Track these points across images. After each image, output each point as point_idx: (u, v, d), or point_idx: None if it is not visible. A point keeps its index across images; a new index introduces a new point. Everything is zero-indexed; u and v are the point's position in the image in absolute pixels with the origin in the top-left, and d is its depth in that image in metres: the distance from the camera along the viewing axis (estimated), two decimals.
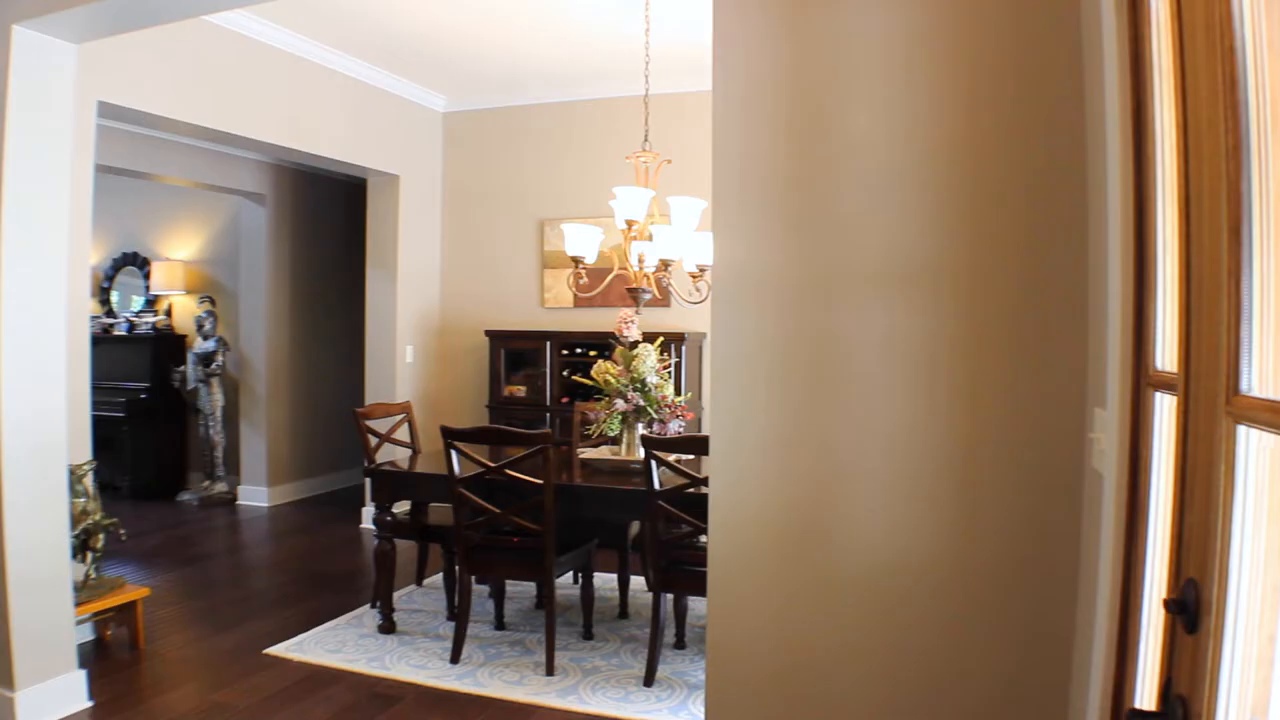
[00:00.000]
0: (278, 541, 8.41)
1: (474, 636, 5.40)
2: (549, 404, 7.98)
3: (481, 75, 7.99)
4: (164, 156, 8.32)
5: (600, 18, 6.38)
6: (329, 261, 10.50)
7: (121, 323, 10.72)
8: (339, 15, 6.52)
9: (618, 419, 5.38)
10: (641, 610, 5.85)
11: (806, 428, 2.78)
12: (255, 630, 5.77)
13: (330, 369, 10.51)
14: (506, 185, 8.62)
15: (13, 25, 4.29)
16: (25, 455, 4.39)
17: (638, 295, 5.34)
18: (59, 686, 4.54)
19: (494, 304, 8.63)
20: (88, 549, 5.27)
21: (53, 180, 4.53)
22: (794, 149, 2.78)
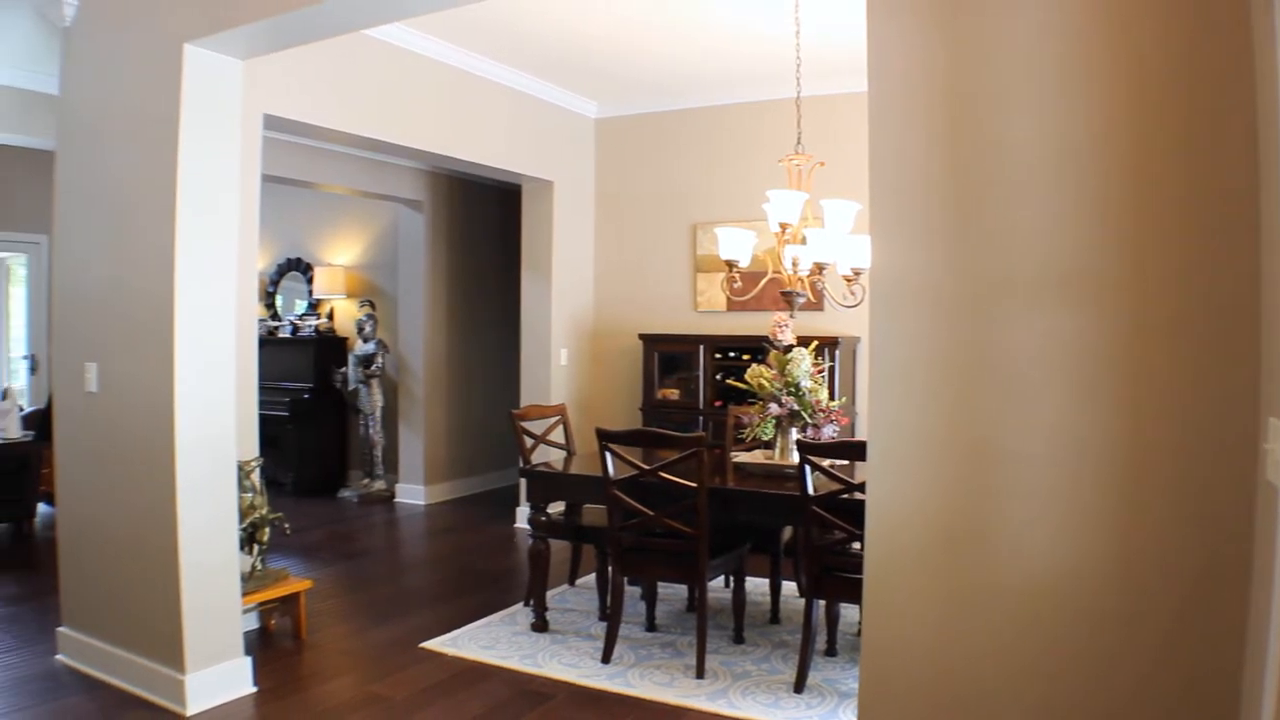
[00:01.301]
0: (434, 539, 8.59)
1: (625, 637, 5.42)
2: (702, 407, 7.98)
3: (633, 81, 8.04)
4: (326, 166, 8.58)
5: (750, 21, 6.35)
6: (485, 266, 10.70)
7: (285, 325, 11.11)
8: (492, 26, 6.63)
9: (771, 423, 5.35)
10: (793, 616, 5.80)
11: (964, 435, 2.72)
12: (412, 625, 5.90)
13: (486, 371, 10.70)
14: (659, 189, 8.66)
15: (184, 44, 4.49)
16: (197, 451, 4.60)
17: (792, 299, 5.30)
18: (226, 671, 4.73)
19: (647, 307, 8.67)
20: (254, 541, 5.46)
21: (222, 190, 4.73)
22: (950, 152, 2.73)
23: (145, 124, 4.69)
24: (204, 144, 4.62)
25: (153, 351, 4.60)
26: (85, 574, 5.11)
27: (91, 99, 5.06)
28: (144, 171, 4.68)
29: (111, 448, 4.90)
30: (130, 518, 4.78)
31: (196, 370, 4.59)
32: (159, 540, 4.59)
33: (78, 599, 5.18)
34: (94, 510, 5.03)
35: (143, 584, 4.72)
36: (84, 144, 5.09)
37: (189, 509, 4.55)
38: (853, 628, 5.52)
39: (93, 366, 4.96)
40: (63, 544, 5.27)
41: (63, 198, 5.22)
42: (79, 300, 5.11)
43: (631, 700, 4.67)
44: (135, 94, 4.77)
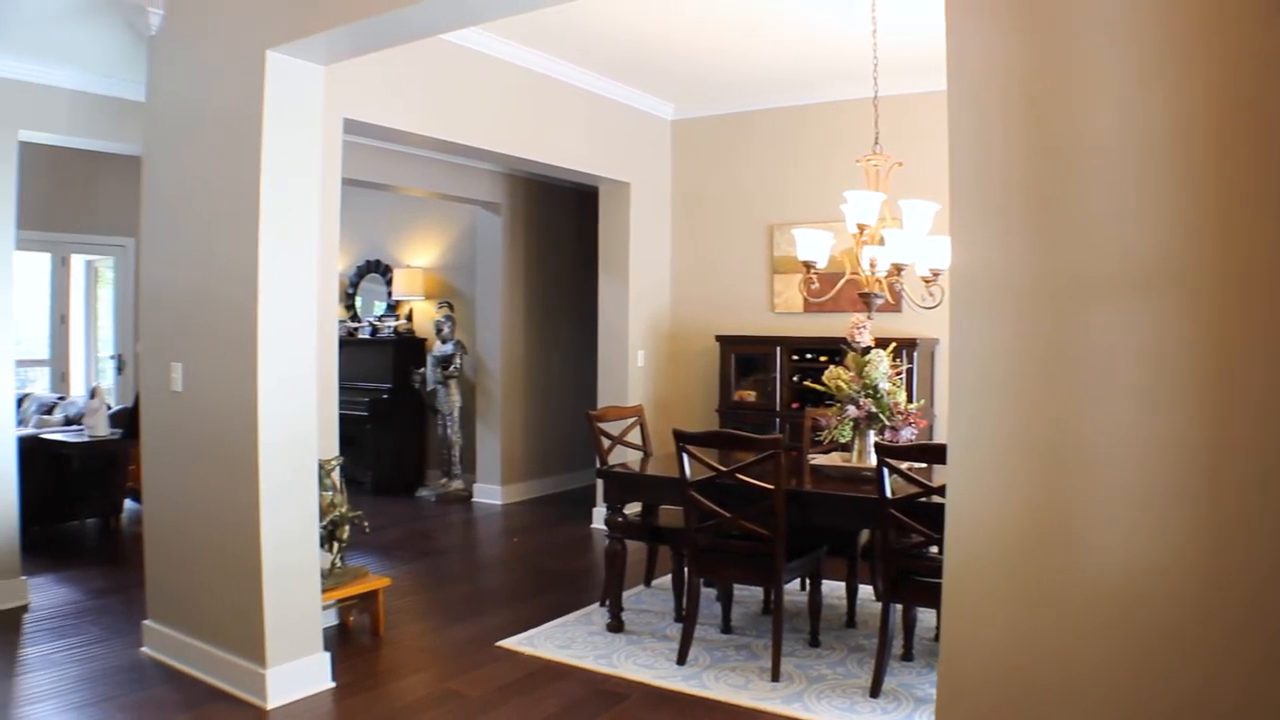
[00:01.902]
0: (510, 538, 8.64)
1: (701, 639, 5.41)
2: (779, 409, 7.95)
3: (708, 83, 8.04)
4: (405, 169, 8.69)
5: (826, 20, 6.31)
6: (561, 267, 10.76)
7: (365, 327, 11.26)
8: (569, 29, 6.67)
9: (849, 425, 5.32)
10: (869, 620, 5.76)
11: (1045, 435, 2.68)
12: (488, 623, 5.95)
13: (563, 372, 10.76)
14: (735, 191, 8.64)
15: (266, 51, 4.58)
16: (279, 450, 4.68)
17: (870, 300, 5.26)
18: (305, 666, 4.81)
19: (723, 309, 8.66)
20: (334, 539, 5.54)
21: (304, 193, 4.82)
22: (1030, 149, 2.69)
23: (229, 129, 4.78)
24: (286, 148, 4.70)
25: (236, 352, 4.69)
26: (170, 569, 5.23)
27: (177, 105, 5.17)
28: (228, 175, 4.78)
29: (196, 446, 5.00)
30: (214, 515, 4.88)
31: (279, 371, 4.68)
32: (242, 538, 4.68)
33: (162, 593, 5.30)
34: (179, 507, 5.14)
35: (225, 580, 4.82)
36: (170, 149, 5.21)
37: (271, 509, 4.64)
38: (930, 632, 5.47)
39: (178, 367, 5.07)
40: (148, 539, 5.40)
41: (149, 202, 5.34)
42: (165, 301, 5.22)
43: (706, 702, 4.66)
44: (219, 100, 4.87)
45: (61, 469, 8.35)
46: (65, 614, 6.16)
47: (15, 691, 4.94)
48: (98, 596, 6.58)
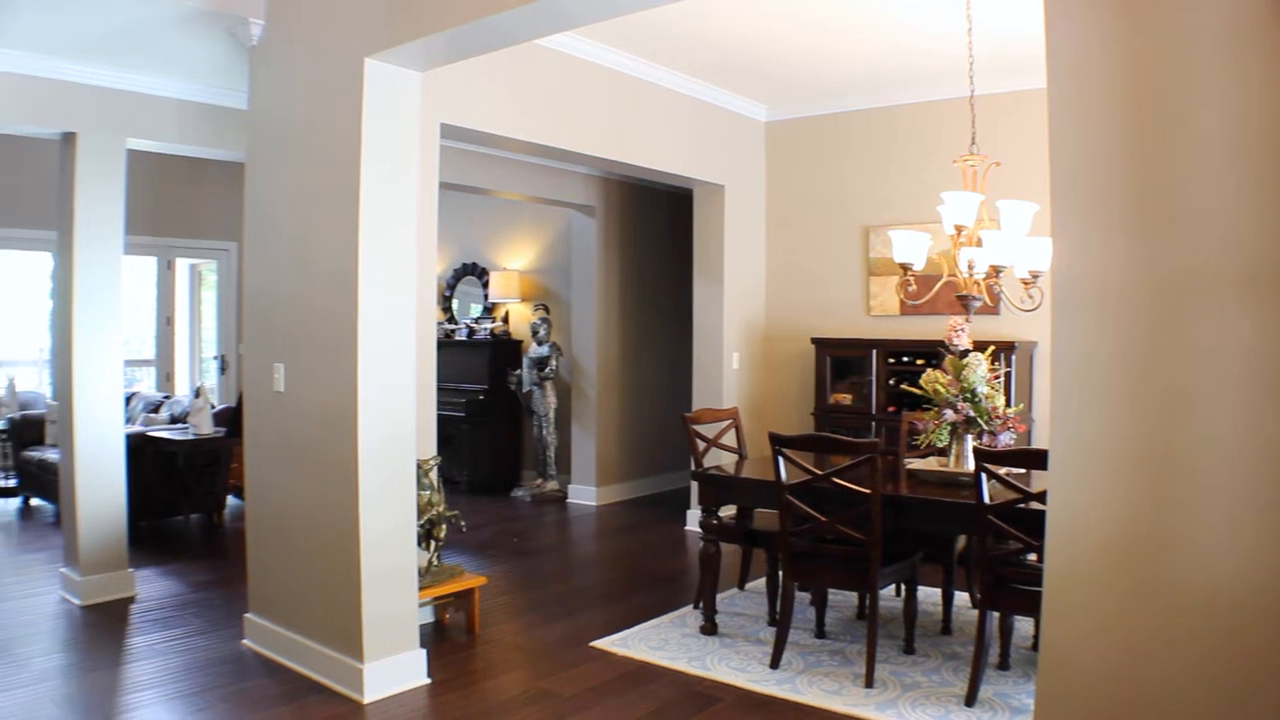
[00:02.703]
0: (605, 539, 8.69)
1: (794, 643, 5.38)
2: (874, 413, 7.88)
3: (802, 84, 7.99)
4: (500, 172, 8.77)
5: (921, 19, 6.23)
6: (656, 270, 10.77)
7: (461, 329, 11.39)
8: (662, 32, 6.67)
9: (947, 429, 5.25)
10: (965, 627, 5.67)
11: (1152, 443, 2.62)
12: (582, 623, 5.98)
13: (657, 374, 10.78)
14: (829, 192, 8.58)
15: (365, 58, 4.66)
16: (378, 449, 4.77)
17: (968, 302, 5.19)
18: (402, 663, 4.89)
19: (819, 311, 8.60)
20: (431, 538, 5.61)
21: (402, 197, 4.90)
22: (1134, 147, 2.63)
23: (329, 135, 4.88)
24: (385, 153, 4.78)
25: (337, 354, 4.79)
26: (271, 564, 5.35)
27: (278, 113, 5.29)
28: (328, 181, 4.88)
29: (297, 445, 5.11)
30: (314, 511, 4.99)
31: (378, 372, 4.77)
32: (341, 535, 4.78)
33: (263, 588, 5.43)
34: (280, 504, 5.26)
35: (325, 576, 4.92)
36: (272, 155, 5.33)
37: (371, 507, 4.73)
38: (1026, 641, 5.37)
39: (280, 367, 5.18)
40: (250, 535, 5.53)
41: (252, 206, 5.46)
42: (267, 303, 5.34)
43: (799, 707, 4.63)
44: (319, 107, 4.97)
45: (167, 466, 8.58)
46: (170, 606, 6.35)
47: (122, 679, 5.12)
48: (201, 589, 6.76)
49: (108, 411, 6.44)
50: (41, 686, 4.95)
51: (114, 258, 6.42)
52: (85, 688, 5.01)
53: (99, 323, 6.34)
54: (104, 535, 6.40)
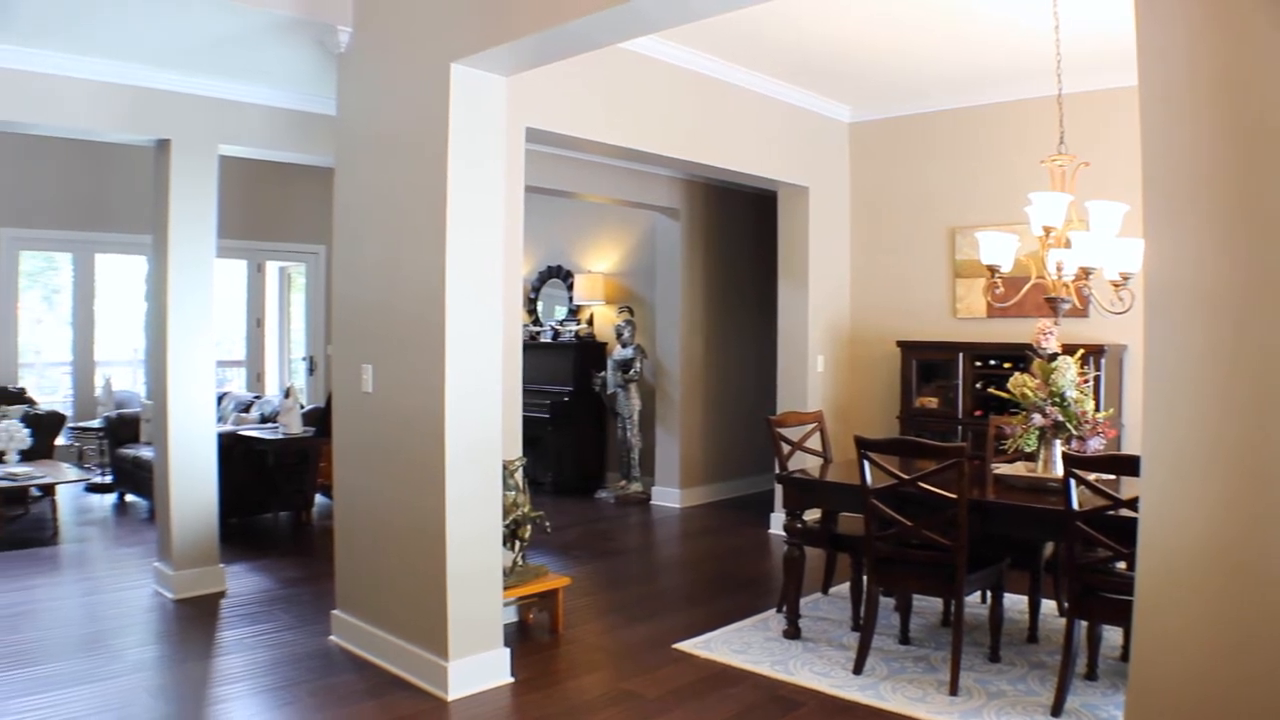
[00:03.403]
0: (688, 541, 8.69)
1: (878, 649, 5.33)
2: (961, 417, 7.78)
3: (886, 84, 7.92)
4: (585, 175, 8.81)
5: (1007, 16, 6.13)
6: (740, 272, 10.75)
7: (546, 331, 11.46)
8: (745, 33, 6.65)
9: (1035, 434, 5.17)
10: (1051, 636, 5.57)
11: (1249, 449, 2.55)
12: (664, 625, 5.98)
13: (741, 377, 10.75)
14: (915, 193, 8.49)
15: (451, 64, 4.73)
16: (465, 450, 4.83)
17: (1056, 305, 5.11)
18: (486, 661, 4.94)
19: (904, 314, 8.51)
20: (516, 538, 5.65)
21: (488, 201, 4.95)
22: (1229, 145, 2.57)
23: (416, 140, 4.95)
24: (471, 158, 4.84)
25: (425, 356, 4.86)
26: (358, 562, 5.43)
27: (365, 119, 5.38)
28: (415, 185, 4.95)
29: (385, 445, 5.19)
30: (401, 511, 5.06)
31: (465, 374, 4.83)
32: (428, 534, 4.85)
33: (351, 585, 5.52)
34: (368, 503, 5.34)
35: (411, 574, 4.99)
36: (360, 160, 5.41)
37: (457, 507, 4.80)
38: (1115, 651, 5.26)
39: (368, 369, 5.26)
40: (338, 533, 5.62)
41: (341, 211, 5.56)
42: (356, 305, 5.43)
43: (883, 713, 4.58)
44: (406, 112, 5.05)
45: (257, 464, 8.76)
46: (259, 601, 6.48)
47: (212, 671, 5.26)
48: (289, 586, 6.89)
49: (200, 411, 6.60)
50: (136, 677, 5.11)
51: (206, 261, 6.57)
52: (177, 679, 5.16)
53: (192, 324, 6.50)
54: (196, 531, 6.56)
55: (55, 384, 12.71)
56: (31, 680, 5.01)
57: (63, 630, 5.94)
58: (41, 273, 12.82)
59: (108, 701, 4.73)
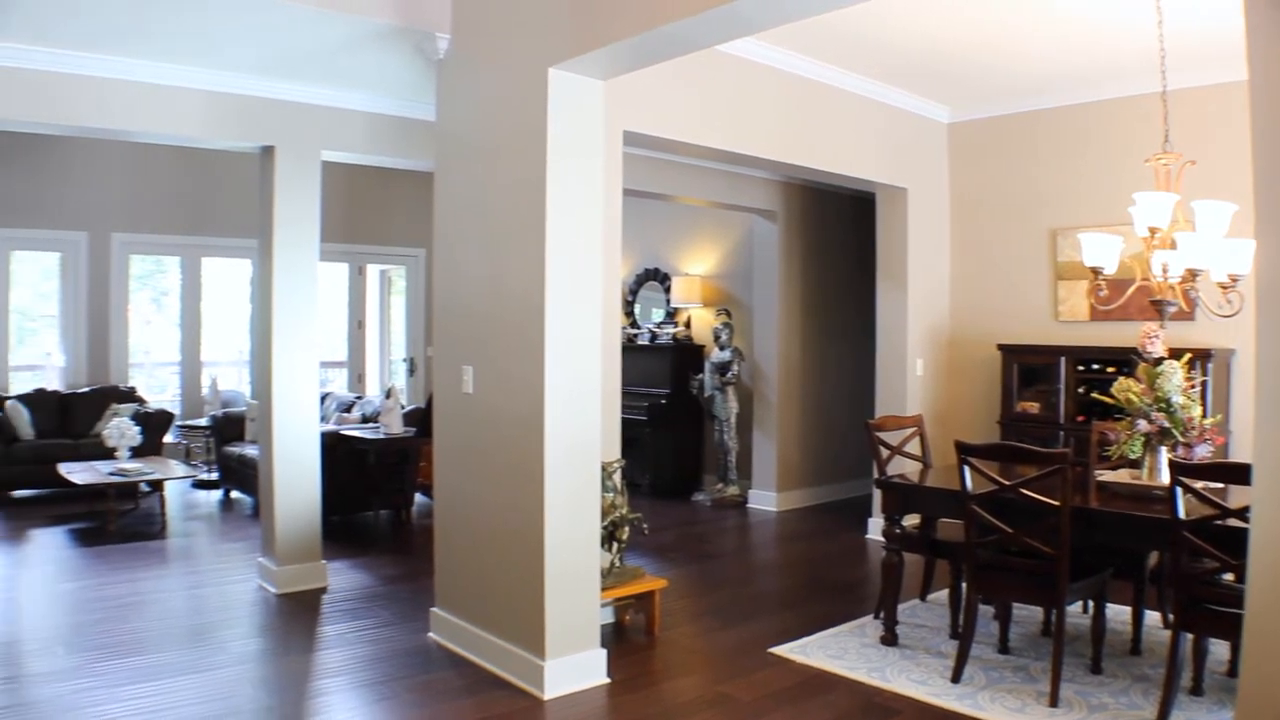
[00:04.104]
0: (784, 545, 8.66)
1: (976, 657, 5.24)
2: (1063, 422, 7.62)
3: (985, 84, 7.80)
4: (682, 178, 8.81)
5: (1108, 13, 5.99)
6: (838, 274, 10.67)
7: (644, 333, 11.49)
8: (841, 33, 6.58)
9: (1139, 441, 5.05)
10: (1155, 648, 5.43)
11: None
12: (760, 629, 5.97)
13: (839, 380, 10.67)
14: (1015, 194, 8.34)
15: (549, 68, 4.77)
16: (565, 451, 4.88)
17: (1162, 308, 4.99)
18: (582, 661, 4.97)
19: (1004, 316, 8.37)
20: (614, 539, 5.69)
21: (587, 205, 4.99)
22: None
23: (515, 145, 5.01)
24: (569, 161, 4.88)
25: (525, 357, 4.92)
26: (457, 561, 5.52)
27: (464, 124, 5.45)
28: (514, 189, 5.01)
29: (485, 445, 5.27)
30: (501, 511, 5.13)
31: (565, 376, 4.88)
32: (527, 535, 4.90)
33: (450, 583, 5.61)
34: (468, 502, 5.43)
35: (509, 574, 5.05)
36: (459, 165, 5.49)
37: (556, 508, 4.85)
38: (1221, 666, 5.10)
39: (469, 370, 5.33)
40: (438, 531, 5.72)
41: (441, 215, 5.64)
42: (457, 308, 5.51)
43: None
44: (505, 117, 5.11)
45: (359, 463, 8.91)
46: (359, 597, 6.62)
47: (313, 665, 5.42)
48: (389, 583, 7.01)
49: (304, 410, 6.76)
50: (239, 668, 5.28)
51: (310, 264, 6.71)
52: (279, 671, 5.30)
53: (296, 326, 6.66)
54: (299, 528, 6.71)
55: (164, 383, 13.09)
56: (140, 669, 5.20)
57: (170, 621, 6.14)
58: (151, 276, 13.22)
59: (212, 692, 4.89)
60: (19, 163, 11.42)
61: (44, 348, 12.34)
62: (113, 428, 9.46)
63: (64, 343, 12.15)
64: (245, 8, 5.01)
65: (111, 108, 5.95)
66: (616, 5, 4.42)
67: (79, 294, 12.08)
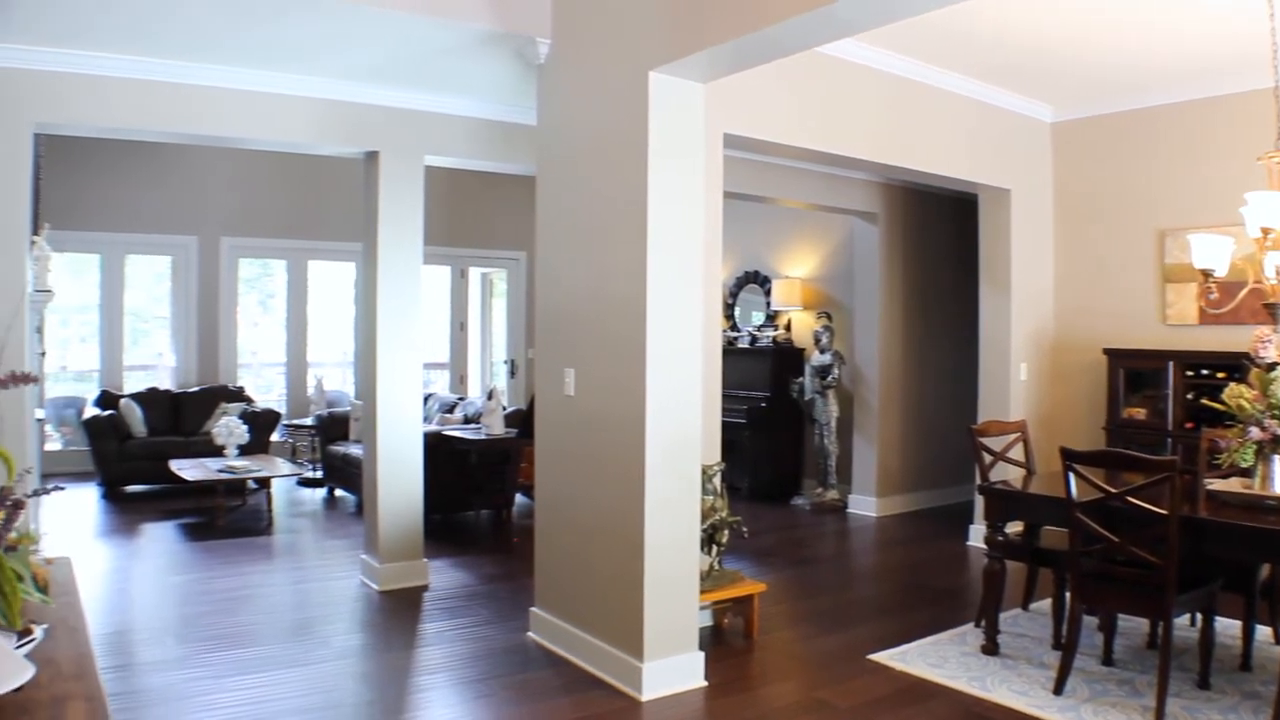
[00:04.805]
0: (884, 550, 8.61)
1: (1079, 669, 5.14)
2: (1170, 429, 7.46)
3: (1090, 82, 7.65)
4: (782, 180, 8.81)
5: (1218, 7, 5.84)
6: (939, 277, 10.56)
7: (743, 336, 11.50)
8: (941, 33, 6.51)
9: (1251, 449, 4.92)
10: (1266, 665, 5.27)
11: None
12: (858, 635, 5.96)
13: (940, 384, 10.55)
14: (1120, 195, 8.17)
15: (649, 72, 4.82)
16: (665, 454, 4.93)
17: (1275, 311, 4.87)
18: (680, 664, 5.01)
19: (1110, 320, 8.20)
20: (713, 543, 5.73)
21: (688, 207, 5.03)
22: None
23: (615, 148, 5.07)
24: (670, 164, 4.93)
25: (626, 360, 4.98)
26: (557, 561, 5.60)
27: (565, 128, 5.53)
28: (615, 193, 5.07)
29: (586, 447, 5.34)
30: (601, 512, 5.19)
31: (666, 378, 4.93)
32: (627, 536, 4.96)
33: (549, 583, 5.69)
34: (568, 503, 5.51)
35: (610, 575, 5.11)
36: (560, 168, 5.56)
37: (656, 510, 4.89)
38: None
39: (570, 372, 5.40)
40: (539, 532, 5.81)
41: (542, 218, 5.72)
42: (558, 310, 5.59)
43: None
44: (605, 121, 5.17)
45: (461, 463, 9.06)
46: (459, 596, 6.76)
47: (414, 661, 5.55)
48: (488, 582, 7.15)
49: (408, 411, 6.91)
50: (341, 663, 5.44)
51: (414, 267, 6.86)
52: (380, 667, 5.45)
53: (400, 327, 6.83)
54: (402, 526, 6.87)
55: (270, 383, 13.44)
56: (246, 661, 5.39)
57: (275, 615, 6.33)
58: (258, 279, 13.58)
59: (315, 685, 5.05)
60: (133, 170, 11.85)
61: (156, 348, 12.77)
62: (222, 426, 9.73)
63: (175, 343, 12.55)
64: (350, 17, 5.14)
65: (223, 115, 6.15)
66: (716, 8, 4.45)
67: (189, 296, 12.48)
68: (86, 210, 11.63)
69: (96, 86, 5.79)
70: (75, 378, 12.63)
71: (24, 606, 1.75)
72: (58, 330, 12.28)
